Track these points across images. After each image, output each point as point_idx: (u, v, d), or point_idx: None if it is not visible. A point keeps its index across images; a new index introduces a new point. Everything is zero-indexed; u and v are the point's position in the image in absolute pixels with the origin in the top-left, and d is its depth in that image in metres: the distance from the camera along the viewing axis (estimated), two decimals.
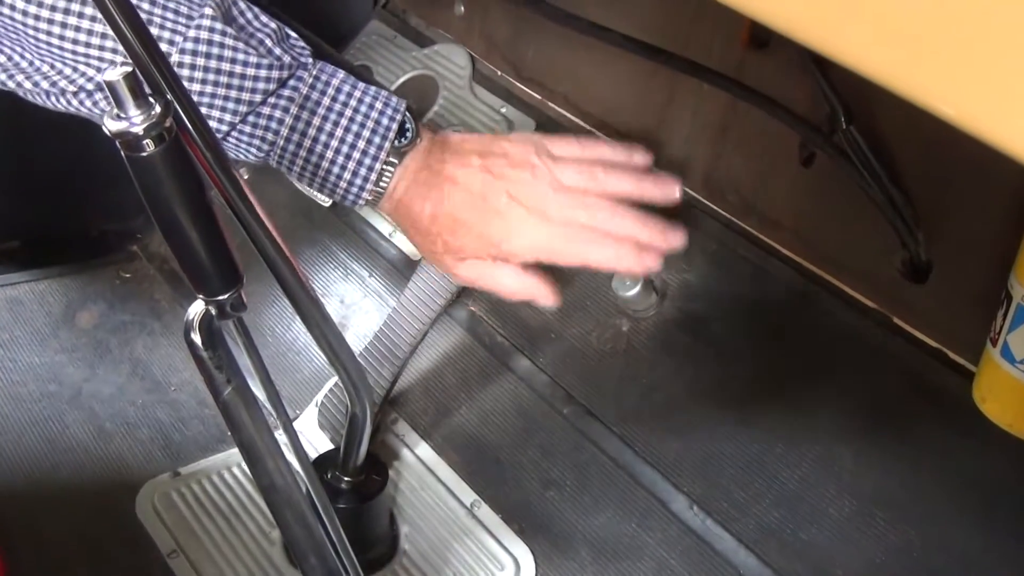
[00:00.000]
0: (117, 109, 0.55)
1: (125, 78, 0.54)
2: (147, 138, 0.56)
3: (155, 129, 0.56)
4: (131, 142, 0.56)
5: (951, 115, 0.37)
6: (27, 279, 1.35)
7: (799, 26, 0.43)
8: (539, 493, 1.07)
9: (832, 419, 0.97)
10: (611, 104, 1.21)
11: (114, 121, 0.56)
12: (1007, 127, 0.35)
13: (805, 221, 1.04)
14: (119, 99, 0.55)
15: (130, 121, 0.56)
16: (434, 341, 1.19)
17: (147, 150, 0.57)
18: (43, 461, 1.10)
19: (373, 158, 0.87)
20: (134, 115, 0.55)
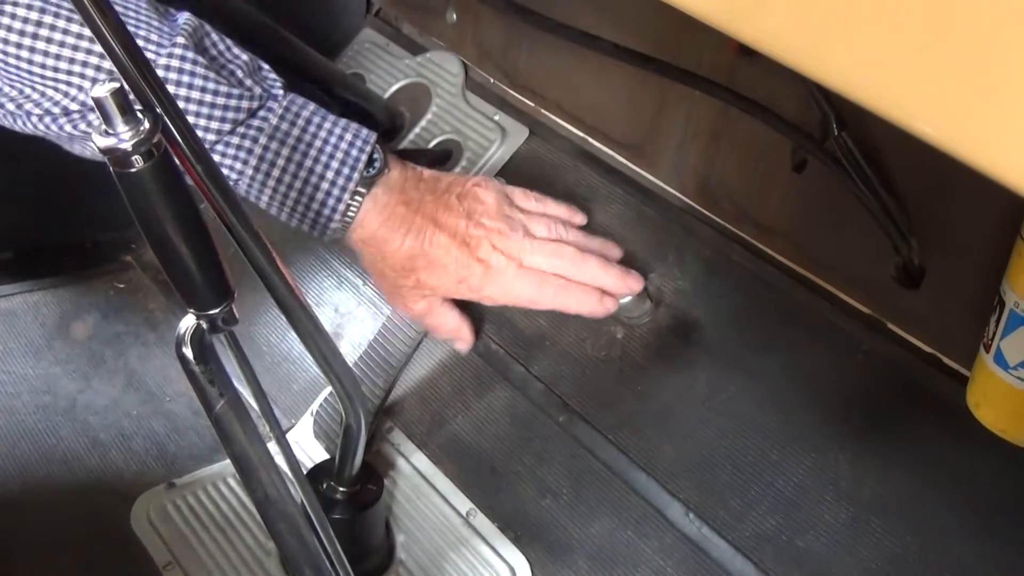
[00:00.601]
0: (105, 125, 0.55)
1: (113, 94, 0.54)
2: (136, 154, 0.56)
3: (144, 145, 0.56)
4: (120, 158, 0.56)
5: (930, 134, 0.37)
6: (20, 290, 1.35)
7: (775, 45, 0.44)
8: (535, 501, 1.06)
9: (827, 425, 0.97)
10: (603, 111, 1.21)
11: (102, 137, 0.56)
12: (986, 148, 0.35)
13: (799, 227, 1.04)
14: (107, 115, 0.55)
15: (118, 137, 0.55)
16: (429, 349, 1.19)
17: (136, 166, 0.57)
18: (37, 472, 1.10)
19: (342, 189, 0.89)
20: (122, 131, 0.55)
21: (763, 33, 0.44)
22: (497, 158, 1.26)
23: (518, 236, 0.96)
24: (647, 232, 1.14)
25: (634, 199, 1.16)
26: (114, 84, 0.54)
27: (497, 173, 1.25)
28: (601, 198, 1.18)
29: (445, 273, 0.94)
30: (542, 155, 1.25)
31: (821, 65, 0.42)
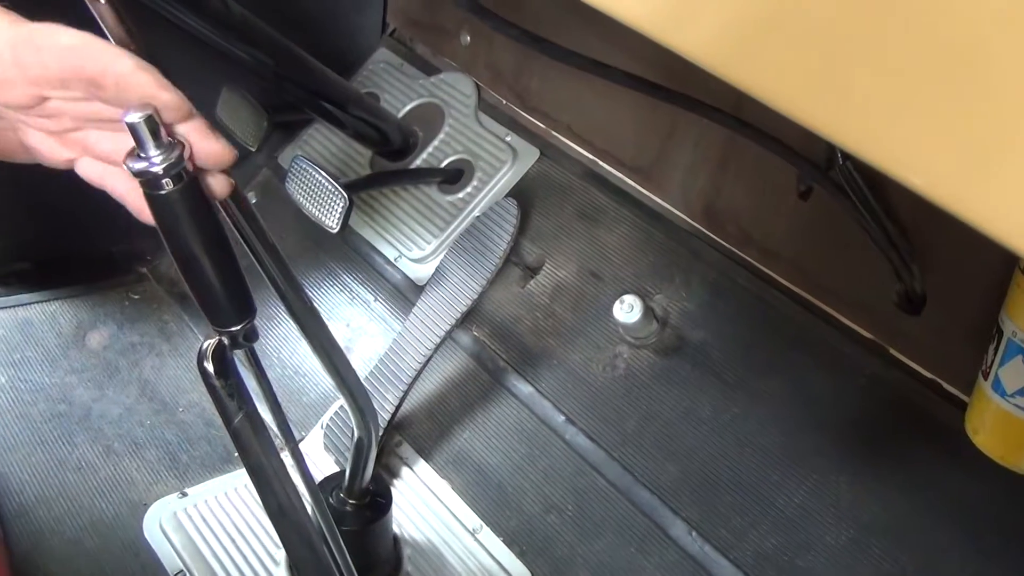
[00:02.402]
0: (138, 149, 0.57)
1: (146, 120, 0.56)
2: (166, 177, 0.58)
3: (174, 169, 0.58)
4: (151, 181, 0.58)
5: (919, 185, 0.39)
6: (37, 300, 1.37)
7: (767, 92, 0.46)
8: (540, 517, 1.08)
9: (829, 447, 0.98)
10: (613, 135, 1.23)
11: (135, 161, 0.58)
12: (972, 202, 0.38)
13: (803, 253, 1.06)
14: (140, 140, 0.57)
15: (150, 161, 0.57)
16: (438, 365, 1.21)
17: (166, 189, 0.59)
18: (52, 480, 1.12)
19: None
20: (154, 155, 0.57)
21: (756, 81, 0.46)
22: (508, 179, 1.29)
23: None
24: (654, 254, 1.16)
25: (642, 221, 1.18)
26: (147, 110, 0.56)
27: (508, 193, 1.27)
28: (609, 219, 1.20)
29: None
30: (552, 176, 1.27)
31: (813, 115, 0.44)
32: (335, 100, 1.28)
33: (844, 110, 0.43)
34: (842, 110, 0.43)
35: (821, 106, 0.44)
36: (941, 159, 0.39)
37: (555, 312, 1.19)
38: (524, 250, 1.23)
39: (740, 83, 0.48)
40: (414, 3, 1.48)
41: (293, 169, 1.17)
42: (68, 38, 0.56)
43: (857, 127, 0.43)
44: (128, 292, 1.44)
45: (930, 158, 0.39)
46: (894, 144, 0.40)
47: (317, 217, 1.15)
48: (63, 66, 0.56)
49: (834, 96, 0.42)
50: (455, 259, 1.22)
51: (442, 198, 1.32)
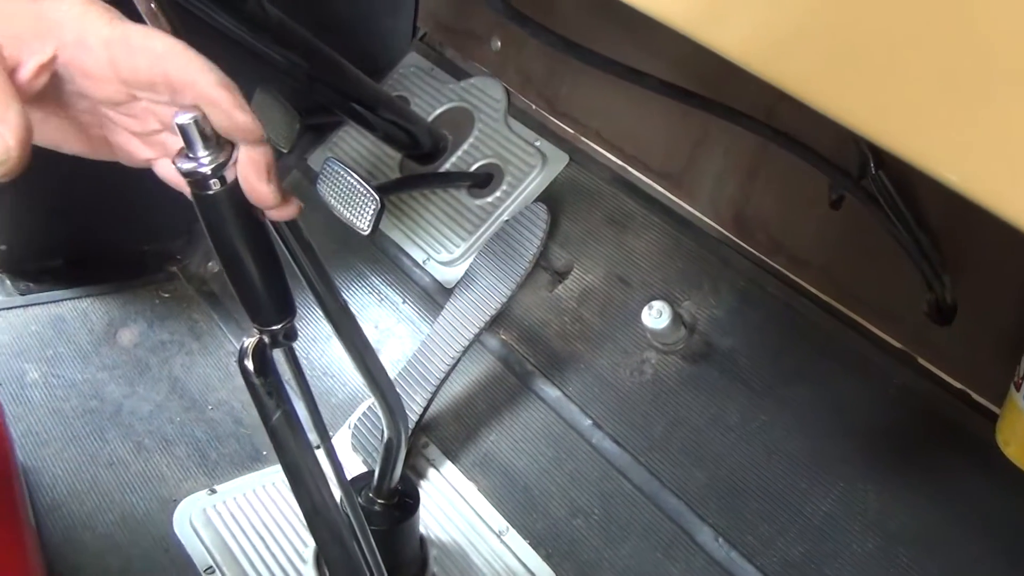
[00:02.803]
0: (187, 149, 0.58)
1: (196, 122, 0.57)
2: (214, 178, 0.59)
3: (221, 170, 0.59)
4: (199, 181, 0.59)
5: (955, 182, 0.40)
6: (70, 296, 1.39)
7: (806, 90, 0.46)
8: (567, 521, 1.08)
9: (856, 456, 0.98)
10: (643, 141, 1.23)
11: (184, 161, 0.59)
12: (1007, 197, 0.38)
13: (833, 261, 1.06)
14: (189, 141, 0.58)
15: (198, 162, 0.59)
16: (466, 368, 1.22)
17: (213, 189, 0.60)
18: (84, 475, 1.13)
19: None
20: (203, 156, 0.58)
21: (794, 78, 0.47)
22: (537, 183, 1.29)
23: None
24: (683, 260, 1.16)
25: (671, 228, 1.18)
26: (197, 111, 0.58)
27: (537, 198, 1.28)
28: (638, 225, 1.21)
29: None
30: (581, 182, 1.27)
31: (849, 111, 0.45)
32: (366, 103, 1.29)
33: (879, 107, 0.43)
34: (877, 107, 0.43)
35: (856, 102, 0.44)
36: (977, 155, 0.39)
37: (583, 317, 1.19)
38: (552, 255, 1.24)
39: (776, 80, 0.48)
40: (445, 8, 1.49)
41: (325, 171, 1.19)
42: (161, 44, 0.58)
43: (892, 124, 0.43)
44: (158, 291, 1.45)
45: (966, 154, 0.40)
46: (929, 141, 0.41)
47: (348, 219, 1.16)
48: (152, 70, 0.57)
49: (869, 92, 0.43)
50: (484, 262, 1.22)
51: (471, 202, 1.33)
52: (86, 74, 0.59)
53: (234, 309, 1.43)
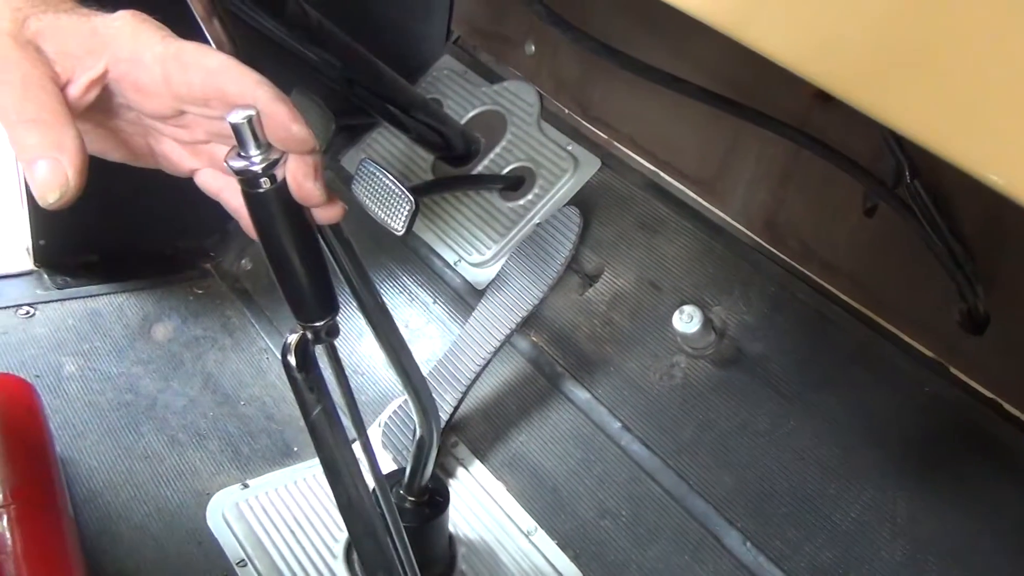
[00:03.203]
0: (239, 149, 0.60)
1: (249, 121, 0.59)
2: (265, 176, 0.61)
3: (272, 168, 0.60)
4: (250, 179, 0.61)
5: (999, 183, 0.40)
6: (106, 291, 1.41)
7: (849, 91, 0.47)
8: (594, 522, 1.09)
9: (886, 463, 0.99)
10: (675, 146, 1.24)
11: (235, 160, 0.60)
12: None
13: (865, 269, 1.06)
14: (242, 140, 0.59)
15: (250, 160, 0.60)
16: (496, 369, 1.23)
17: (263, 187, 0.61)
18: (119, 467, 1.15)
19: None
20: (254, 155, 0.60)
21: (835, 77, 0.48)
22: (569, 187, 1.30)
23: None
24: (714, 266, 1.17)
25: (702, 233, 1.19)
26: (250, 111, 0.59)
27: (568, 202, 1.29)
28: (670, 230, 1.21)
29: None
30: (613, 186, 1.28)
31: (893, 111, 0.46)
32: (401, 104, 1.31)
33: (921, 106, 0.44)
34: (919, 106, 0.44)
35: (897, 101, 0.45)
36: (1021, 156, 0.40)
37: (613, 320, 1.20)
38: (584, 258, 1.25)
39: (817, 79, 0.49)
40: (479, 12, 1.51)
41: (360, 172, 1.20)
42: (214, 60, 0.59)
43: (934, 123, 0.44)
44: (192, 287, 1.47)
45: (1009, 155, 0.40)
46: (972, 141, 0.41)
47: (383, 219, 1.18)
48: (206, 86, 0.59)
49: (911, 91, 0.43)
50: (516, 265, 1.24)
51: (503, 204, 1.34)
52: (138, 89, 0.60)
53: (266, 306, 1.45)
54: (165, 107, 0.61)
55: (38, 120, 0.56)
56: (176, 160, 0.66)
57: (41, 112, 0.56)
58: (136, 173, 1.49)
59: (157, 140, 0.65)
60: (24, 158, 0.56)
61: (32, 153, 0.56)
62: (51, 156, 0.55)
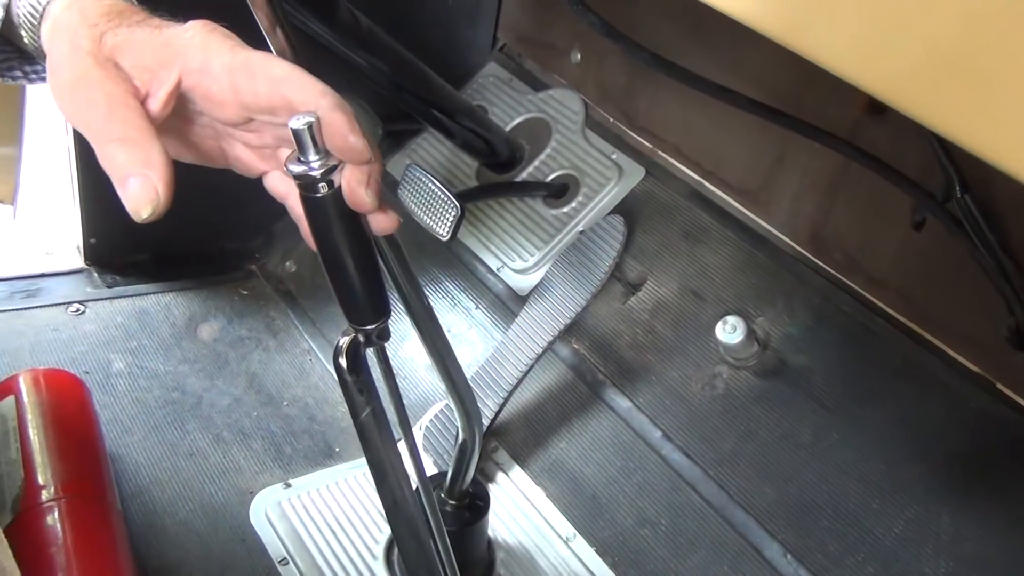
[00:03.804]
0: (299, 154, 0.61)
1: (309, 127, 0.60)
2: (323, 181, 0.62)
3: (330, 174, 0.62)
4: (308, 184, 0.62)
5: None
6: (154, 290, 1.44)
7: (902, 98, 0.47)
8: (634, 530, 1.10)
9: (931, 479, 0.98)
10: (721, 156, 1.24)
11: (295, 164, 0.62)
12: None
13: (912, 283, 1.06)
14: (302, 145, 0.61)
15: (309, 166, 0.61)
16: (537, 375, 1.24)
17: (321, 192, 0.62)
18: (165, 463, 1.17)
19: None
20: (313, 160, 0.61)
21: (888, 84, 0.48)
22: (613, 196, 1.31)
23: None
24: (757, 277, 1.17)
25: (746, 244, 1.19)
26: (310, 118, 0.60)
27: (612, 211, 1.29)
28: (713, 240, 1.22)
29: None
30: (657, 195, 1.29)
31: (946, 119, 0.46)
32: (447, 110, 1.32)
33: (976, 113, 0.44)
34: (974, 113, 0.44)
35: (953, 109, 0.45)
36: None
37: (655, 329, 1.20)
38: (626, 266, 1.25)
39: (868, 86, 0.49)
40: (525, 19, 1.52)
41: (407, 177, 1.22)
42: (280, 70, 0.61)
43: (988, 133, 0.44)
44: (238, 288, 1.50)
45: None
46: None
47: (428, 225, 1.19)
48: (272, 95, 0.61)
49: (966, 99, 0.43)
50: (560, 272, 1.24)
51: (546, 211, 1.35)
52: (208, 98, 0.62)
53: (310, 308, 1.47)
54: (234, 115, 0.63)
55: (125, 138, 0.58)
56: (247, 163, 0.68)
57: (127, 130, 0.59)
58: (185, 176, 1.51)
59: (229, 144, 0.67)
60: (115, 176, 0.59)
61: (123, 171, 0.58)
62: (141, 173, 0.58)
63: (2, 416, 1.03)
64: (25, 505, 0.94)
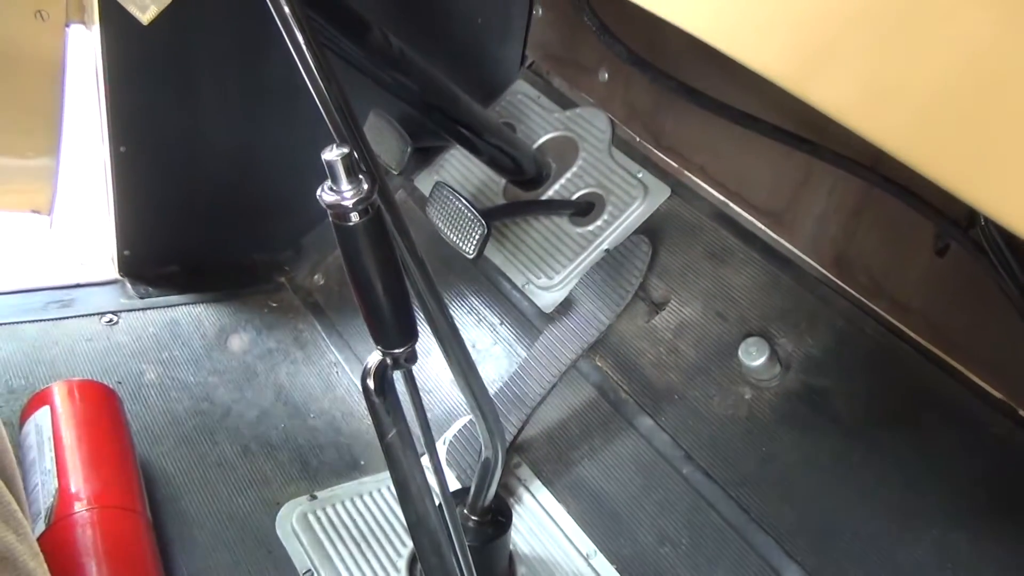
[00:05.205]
0: (332, 183, 0.64)
1: (343, 158, 0.62)
2: (354, 211, 0.64)
3: (362, 204, 0.64)
4: (340, 213, 0.64)
5: None
6: (185, 302, 1.47)
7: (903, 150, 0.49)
8: (654, 548, 1.11)
9: (950, 504, 0.99)
10: (747, 178, 1.26)
11: (328, 194, 0.64)
12: None
13: (935, 308, 1.07)
14: (335, 176, 0.63)
15: (342, 195, 0.64)
16: (560, 392, 1.25)
17: (353, 221, 0.65)
18: (194, 473, 1.20)
19: None
20: (346, 190, 0.64)
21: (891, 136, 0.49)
22: (638, 214, 1.33)
23: None
24: (781, 298, 1.18)
25: (770, 265, 1.20)
26: (344, 149, 0.63)
27: (637, 229, 1.31)
28: (737, 261, 1.23)
29: None
30: (682, 215, 1.30)
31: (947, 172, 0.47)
32: (475, 129, 1.34)
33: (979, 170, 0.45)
34: (977, 170, 0.45)
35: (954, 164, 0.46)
36: None
37: (678, 348, 1.22)
38: (651, 285, 1.27)
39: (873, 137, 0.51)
40: (554, 38, 1.54)
41: (435, 195, 1.24)
42: None
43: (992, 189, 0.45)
44: (267, 300, 1.53)
45: None
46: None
47: (455, 242, 1.21)
48: None
49: (970, 154, 0.45)
50: (585, 291, 1.26)
51: (572, 229, 1.37)
52: None
53: (337, 321, 1.49)
54: None
55: None
56: None
57: None
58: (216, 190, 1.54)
59: None
60: None
61: None
62: None
63: (38, 427, 1.06)
64: (59, 515, 0.97)
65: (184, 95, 1.36)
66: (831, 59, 0.52)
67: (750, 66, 0.55)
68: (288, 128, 1.44)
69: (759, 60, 0.55)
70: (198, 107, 1.39)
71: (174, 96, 1.35)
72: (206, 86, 1.37)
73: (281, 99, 1.42)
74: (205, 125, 1.41)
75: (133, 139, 1.34)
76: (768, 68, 0.54)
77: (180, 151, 1.42)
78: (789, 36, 0.54)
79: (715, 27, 0.57)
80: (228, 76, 1.37)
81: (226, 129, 1.43)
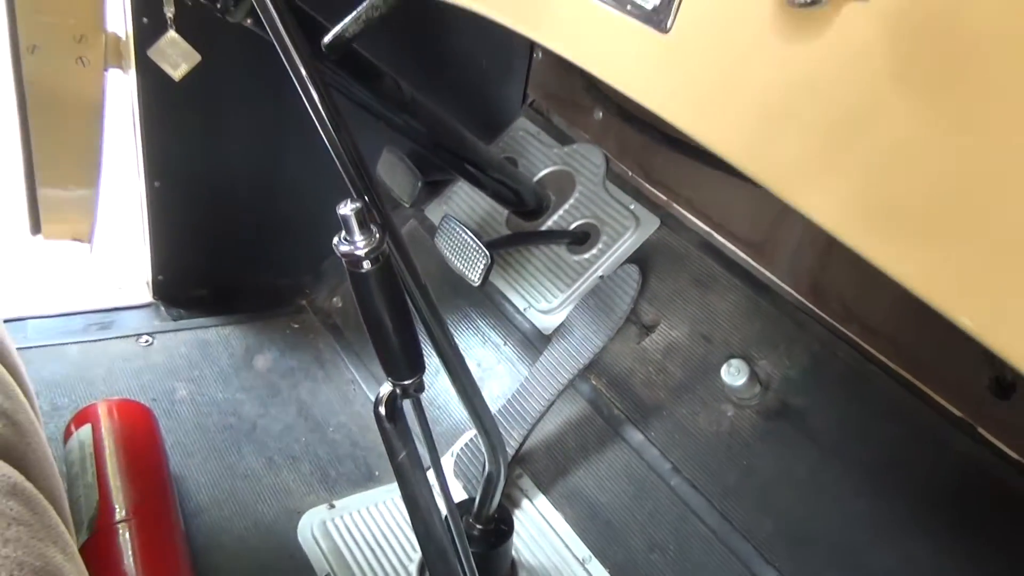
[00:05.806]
0: (346, 235, 0.66)
1: (356, 213, 0.65)
2: (367, 259, 0.67)
3: (373, 253, 0.67)
4: (354, 261, 0.67)
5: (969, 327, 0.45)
6: (214, 323, 1.50)
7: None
8: (644, 554, 1.13)
9: (917, 516, 1.01)
10: (729, 210, 1.28)
11: (343, 244, 0.67)
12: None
13: (903, 332, 1.09)
14: (349, 228, 0.66)
15: (355, 245, 0.66)
16: (558, 408, 1.28)
17: (365, 268, 0.67)
18: (223, 484, 1.22)
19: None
20: (359, 240, 0.66)
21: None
22: (630, 243, 1.35)
23: None
24: (761, 322, 1.20)
25: (751, 291, 1.23)
26: (356, 205, 0.65)
27: (629, 258, 1.33)
28: (721, 287, 1.25)
29: None
30: (671, 244, 1.33)
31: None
32: (479, 165, 1.37)
33: (959, 282, 0.48)
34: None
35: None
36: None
37: (667, 368, 1.24)
38: (641, 310, 1.29)
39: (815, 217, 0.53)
40: (553, 79, 1.56)
41: (443, 228, 1.26)
42: None
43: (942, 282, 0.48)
44: (289, 321, 1.55)
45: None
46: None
47: (461, 271, 1.24)
48: None
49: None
50: (581, 314, 1.28)
51: (569, 257, 1.39)
52: None
53: (354, 341, 1.52)
54: None
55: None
56: None
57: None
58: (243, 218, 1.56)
59: None
60: None
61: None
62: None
63: (81, 443, 1.09)
64: (100, 525, 0.99)
65: (212, 134, 1.40)
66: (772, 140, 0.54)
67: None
68: (307, 163, 1.47)
69: (711, 138, 0.58)
70: (225, 145, 1.42)
71: (203, 134, 1.39)
72: (231, 125, 1.41)
73: (300, 137, 1.45)
74: (231, 161, 1.44)
75: (166, 174, 1.38)
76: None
77: (208, 185, 1.45)
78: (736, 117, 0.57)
79: (668, 105, 0.60)
80: (251, 116, 1.41)
81: (250, 164, 1.46)
